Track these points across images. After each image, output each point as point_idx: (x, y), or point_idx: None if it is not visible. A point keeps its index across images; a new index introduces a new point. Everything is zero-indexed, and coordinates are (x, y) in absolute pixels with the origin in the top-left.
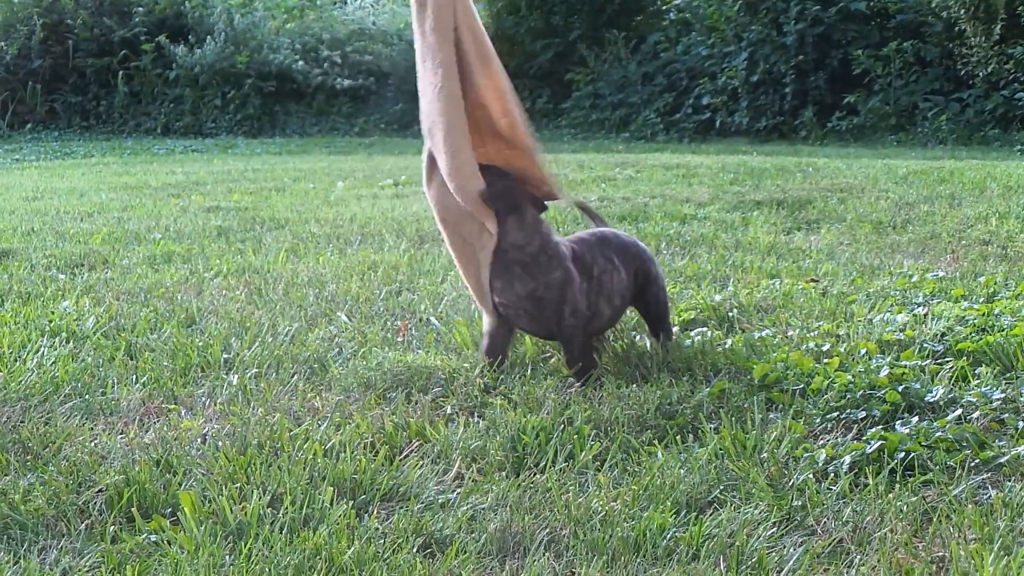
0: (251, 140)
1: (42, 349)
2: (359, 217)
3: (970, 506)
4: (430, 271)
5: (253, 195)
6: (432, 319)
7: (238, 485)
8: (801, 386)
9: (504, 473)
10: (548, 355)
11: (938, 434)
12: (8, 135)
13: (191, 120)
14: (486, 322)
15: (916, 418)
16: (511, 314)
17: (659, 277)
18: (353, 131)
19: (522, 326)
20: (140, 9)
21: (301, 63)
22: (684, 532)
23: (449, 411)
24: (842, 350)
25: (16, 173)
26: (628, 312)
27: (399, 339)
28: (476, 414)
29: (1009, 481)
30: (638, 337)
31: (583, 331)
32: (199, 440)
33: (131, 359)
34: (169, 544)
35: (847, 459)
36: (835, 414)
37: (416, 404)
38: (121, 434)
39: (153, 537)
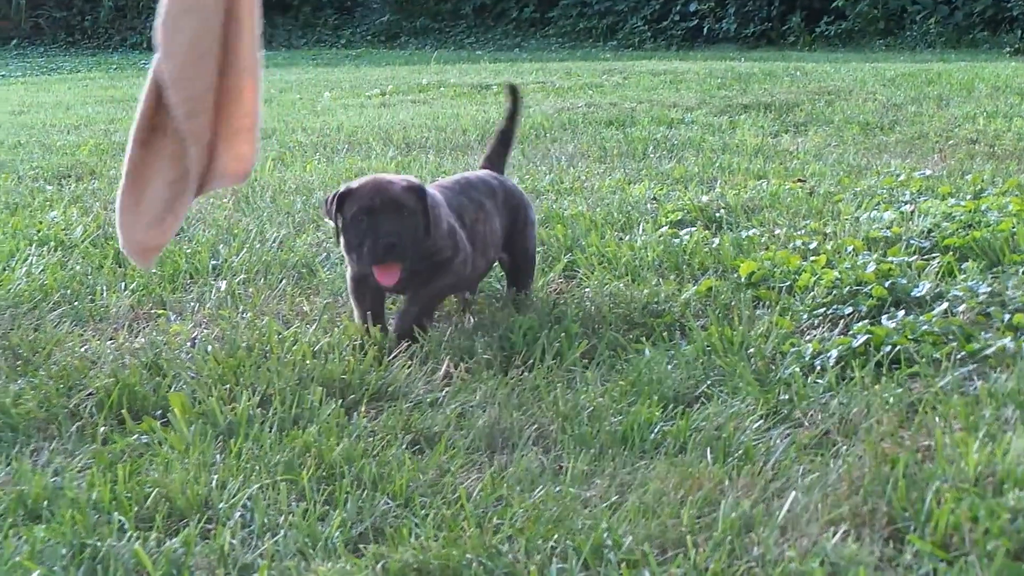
0: None
1: (31, 258)
2: (346, 126)
3: (956, 396)
4: (417, 176)
5: None
6: None
7: (228, 387)
8: (788, 283)
9: (492, 372)
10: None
11: (924, 328)
12: None
13: None
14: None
15: (902, 312)
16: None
17: (535, 224)
18: (339, 43)
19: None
20: None
21: None
22: (671, 426)
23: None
24: (829, 248)
25: (2, 89)
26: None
27: None
28: (465, 313)
29: (995, 372)
30: (627, 237)
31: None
32: (188, 344)
33: (119, 267)
34: (160, 444)
35: (834, 353)
36: (822, 310)
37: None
38: (111, 339)
39: (144, 438)
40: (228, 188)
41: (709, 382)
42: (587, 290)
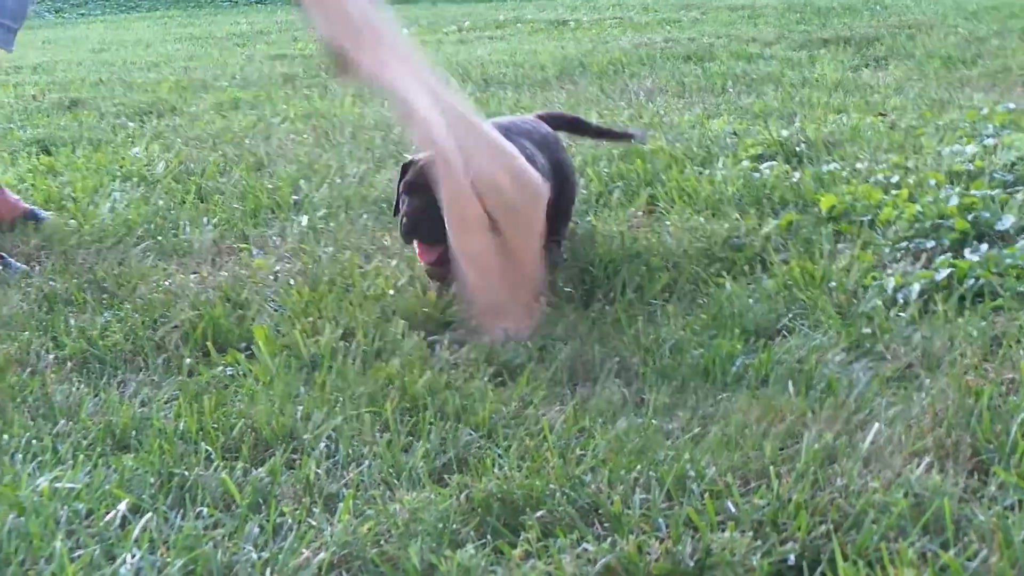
0: None
1: (114, 193)
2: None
3: None
4: (496, 112)
5: (318, 43)
6: None
7: (311, 320)
8: (869, 217)
9: (573, 305)
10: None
11: (1008, 261)
12: None
13: None
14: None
15: (986, 246)
16: None
17: (574, 171)
18: None
19: None
20: None
21: None
22: (753, 359)
23: None
24: (911, 181)
25: (83, 27)
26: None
27: None
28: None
29: None
30: (707, 171)
31: None
32: (271, 277)
33: (201, 202)
34: (244, 376)
35: (916, 287)
36: (904, 244)
37: None
38: (194, 273)
39: (229, 370)
40: (308, 125)
41: (791, 315)
42: (667, 224)
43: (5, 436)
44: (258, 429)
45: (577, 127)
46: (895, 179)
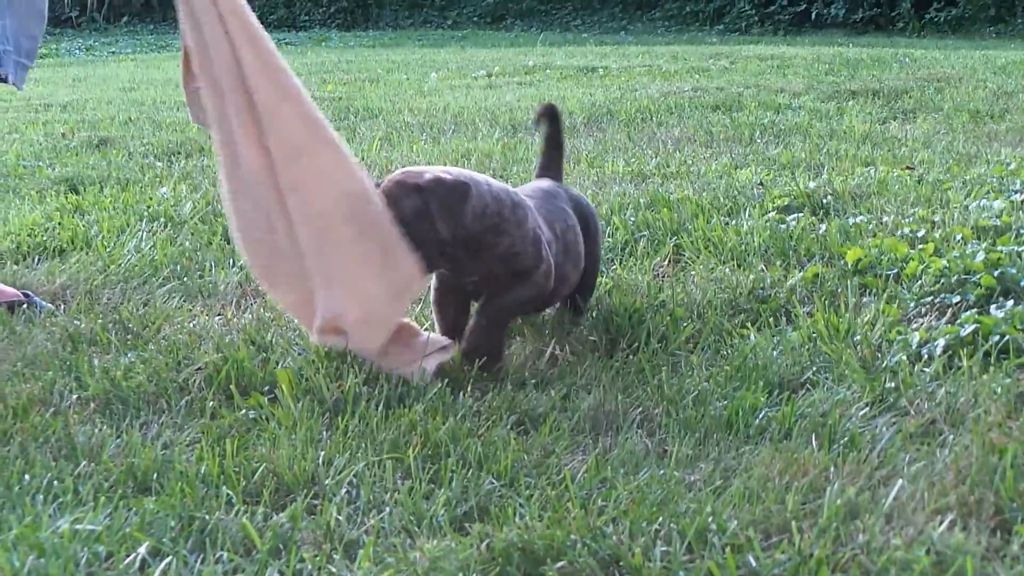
0: (344, 33)
1: (141, 233)
2: (452, 107)
3: None
4: (523, 159)
5: (347, 86)
6: None
7: (334, 364)
8: (895, 271)
9: (597, 355)
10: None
11: None
12: (104, 28)
13: (284, 13)
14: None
15: (1011, 302)
16: (481, 284)
17: (600, 232)
18: (446, 24)
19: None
20: None
21: None
22: (776, 411)
23: None
24: (937, 236)
25: (113, 65)
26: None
27: None
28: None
29: None
30: (733, 221)
31: (543, 298)
32: (295, 320)
33: (228, 243)
34: (267, 420)
35: (941, 342)
36: (929, 298)
37: None
38: (219, 315)
39: (251, 413)
40: None
41: (815, 369)
42: (692, 274)
43: (27, 476)
44: (279, 474)
45: (555, 139)
46: (921, 233)
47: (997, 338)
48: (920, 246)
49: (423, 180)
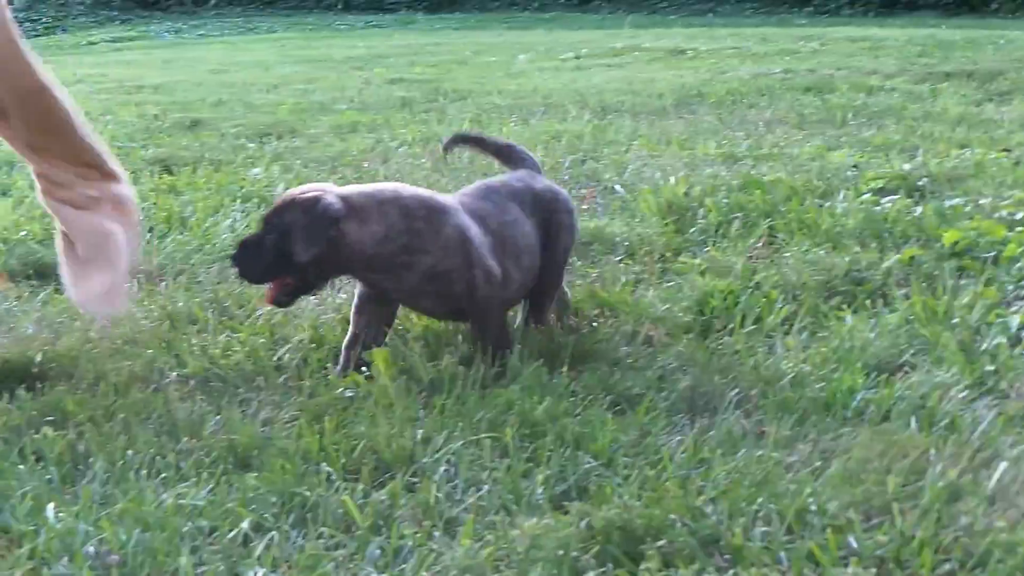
0: (431, 16)
1: (235, 213)
2: (541, 89)
3: None
4: (613, 140)
5: (435, 67)
6: (617, 187)
7: (429, 347)
8: (993, 253)
9: (691, 336)
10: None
11: None
12: (193, 11)
13: None
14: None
15: None
16: (405, 300)
17: (572, 231)
18: (533, 6)
19: (425, 307)
20: None
21: None
22: (875, 394)
23: (635, 277)
24: None
25: (202, 48)
26: None
27: (584, 206)
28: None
29: None
30: (827, 203)
31: (499, 300)
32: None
33: None
34: (364, 398)
35: None
36: None
37: (604, 264)
38: (313, 295)
39: (348, 392)
40: (426, 150)
41: (912, 351)
42: (787, 256)
43: (130, 452)
44: (378, 451)
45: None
46: (1020, 216)
47: None
48: (1018, 228)
49: (302, 198)
